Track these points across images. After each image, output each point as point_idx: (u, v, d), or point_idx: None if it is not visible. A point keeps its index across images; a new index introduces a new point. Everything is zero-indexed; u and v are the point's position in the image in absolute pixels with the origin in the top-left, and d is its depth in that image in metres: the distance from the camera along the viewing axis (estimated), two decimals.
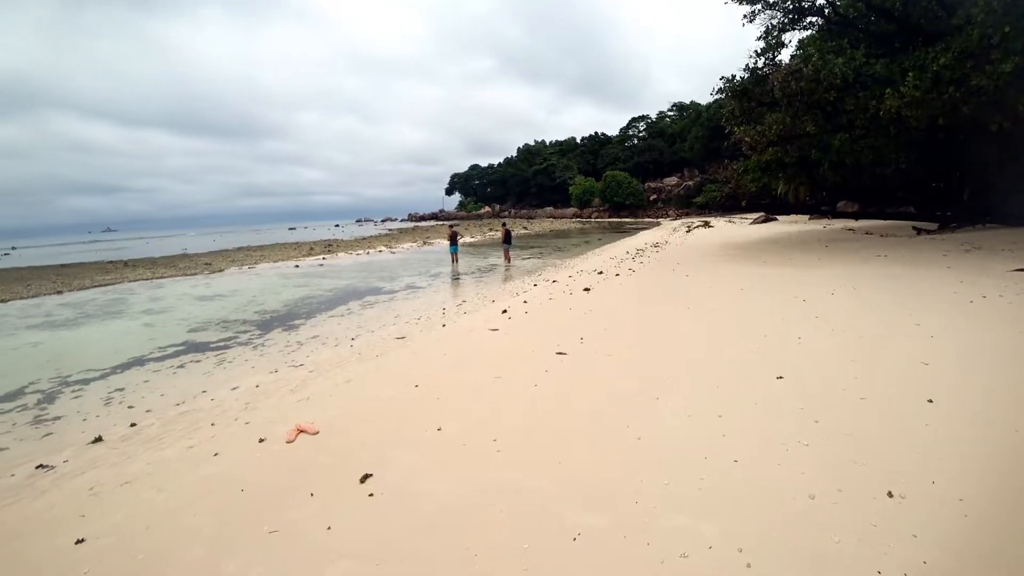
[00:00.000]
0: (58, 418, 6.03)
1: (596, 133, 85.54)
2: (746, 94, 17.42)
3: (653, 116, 78.45)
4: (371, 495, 3.30)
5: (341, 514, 3.12)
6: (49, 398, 6.80)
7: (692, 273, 12.35)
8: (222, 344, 9.18)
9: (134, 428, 5.34)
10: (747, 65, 17.81)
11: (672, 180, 65.63)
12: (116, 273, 23.46)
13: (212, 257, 30.52)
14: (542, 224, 58.30)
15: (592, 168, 76.71)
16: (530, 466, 3.53)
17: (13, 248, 68.33)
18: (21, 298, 17.00)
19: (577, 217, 69.25)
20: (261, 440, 4.31)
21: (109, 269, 25.93)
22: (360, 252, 29.77)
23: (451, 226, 22.70)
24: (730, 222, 37.44)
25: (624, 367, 5.53)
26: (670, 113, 75.52)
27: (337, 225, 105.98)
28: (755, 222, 32.75)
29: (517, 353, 6.38)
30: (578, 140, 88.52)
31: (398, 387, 5.41)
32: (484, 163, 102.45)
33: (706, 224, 36.46)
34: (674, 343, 6.34)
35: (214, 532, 3.05)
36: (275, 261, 25.96)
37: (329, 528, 2.97)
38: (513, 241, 21.77)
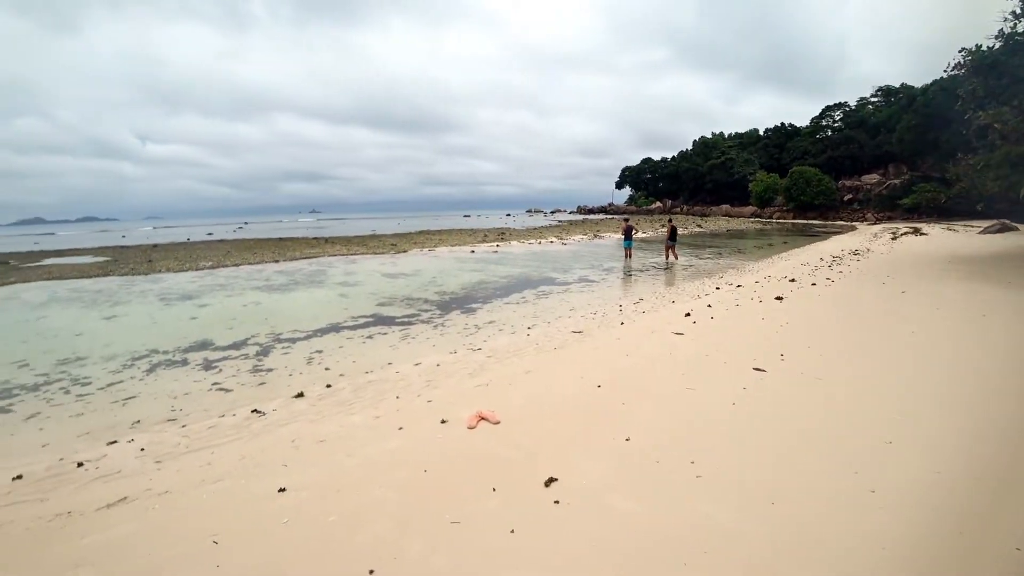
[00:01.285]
0: (270, 370, 7.06)
1: (782, 124, 76.32)
2: (995, 68, 14.15)
3: (852, 103, 67.34)
4: (556, 502, 3.09)
5: (524, 517, 2.95)
6: (265, 351, 8.02)
7: (909, 289, 10.24)
8: (406, 320, 9.98)
9: (329, 389, 5.96)
10: (1000, 31, 14.18)
11: (872, 178, 55.95)
12: (319, 248, 27.50)
13: (397, 239, 34.11)
14: (717, 222, 54.04)
15: (776, 163, 68.93)
16: (736, 501, 3.04)
17: (246, 223, 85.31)
18: (249, 264, 20.92)
19: (756, 216, 63.01)
20: (443, 421, 4.41)
21: (314, 244, 30.54)
22: (531, 242, 30.62)
23: (626, 219, 21.89)
24: (949, 229, 30.40)
25: (839, 395, 4.69)
26: (873, 99, 63.79)
27: (508, 214, 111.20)
28: (986, 231, 25.89)
29: (707, 363, 5.80)
30: (760, 132, 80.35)
31: (580, 385, 5.19)
32: (656, 156, 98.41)
33: (916, 231, 30.05)
34: (900, 373, 5.24)
35: (398, 509, 3.11)
36: (452, 245, 27.97)
37: (512, 531, 2.82)
38: (679, 239, 20.49)
